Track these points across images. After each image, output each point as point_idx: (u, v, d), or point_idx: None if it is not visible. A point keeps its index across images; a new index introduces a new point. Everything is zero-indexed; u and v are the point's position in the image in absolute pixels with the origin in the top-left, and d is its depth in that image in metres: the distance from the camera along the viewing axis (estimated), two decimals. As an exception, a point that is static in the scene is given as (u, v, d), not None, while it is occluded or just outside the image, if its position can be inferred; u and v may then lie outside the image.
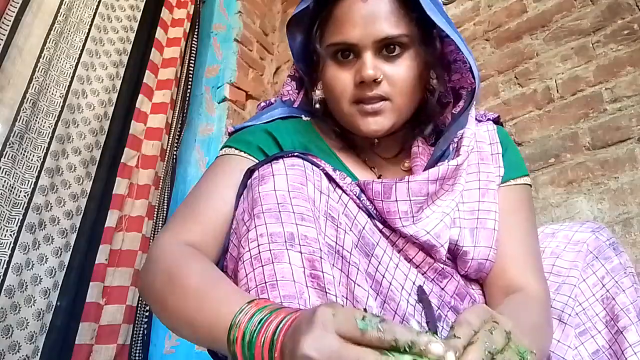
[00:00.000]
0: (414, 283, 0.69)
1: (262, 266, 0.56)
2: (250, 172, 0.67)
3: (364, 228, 0.67)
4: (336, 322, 0.41)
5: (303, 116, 0.87)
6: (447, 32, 0.73)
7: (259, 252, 0.57)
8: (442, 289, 0.73)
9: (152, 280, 0.63)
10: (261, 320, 0.48)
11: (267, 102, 0.91)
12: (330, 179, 0.67)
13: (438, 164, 0.74)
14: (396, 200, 0.70)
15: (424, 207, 0.72)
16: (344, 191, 0.68)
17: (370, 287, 0.63)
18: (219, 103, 2.07)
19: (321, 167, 0.66)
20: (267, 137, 0.80)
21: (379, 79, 0.73)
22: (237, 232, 0.63)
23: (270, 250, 0.57)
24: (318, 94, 0.83)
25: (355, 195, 0.70)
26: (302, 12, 0.81)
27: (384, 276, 0.66)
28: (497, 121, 0.88)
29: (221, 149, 0.81)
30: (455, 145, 0.77)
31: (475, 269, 0.74)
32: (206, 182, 0.76)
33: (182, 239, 0.67)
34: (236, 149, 0.79)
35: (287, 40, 0.85)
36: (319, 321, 0.41)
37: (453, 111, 0.81)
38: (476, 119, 0.85)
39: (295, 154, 0.65)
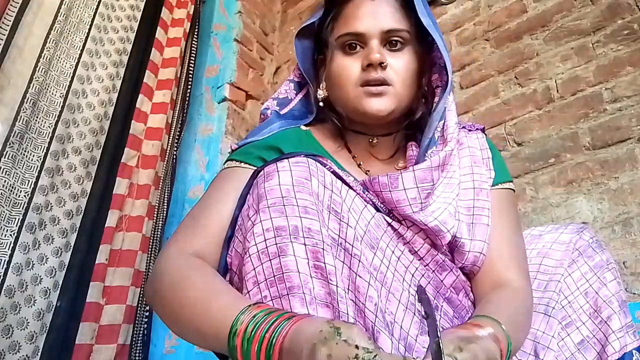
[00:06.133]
0: (412, 275, 0.73)
1: (270, 260, 0.59)
2: (256, 173, 0.69)
3: (369, 222, 0.69)
4: None
5: (301, 126, 0.92)
6: (431, 33, 0.81)
7: (266, 247, 0.59)
8: (441, 281, 0.77)
9: (160, 291, 0.66)
10: (258, 321, 0.52)
11: (264, 112, 0.95)
12: (337, 176, 0.69)
13: (429, 153, 0.80)
14: (404, 189, 0.75)
15: (429, 194, 0.77)
16: (350, 187, 0.70)
17: (376, 278, 0.65)
18: (219, 103, 2.07)
19: (328, 166, 0.69)
20: (270, 148, 0.83)
21: (384, 63, 0.81)
22: (242, 228, 0.65)
23: (276, 244, 0.59)
24: (321, 93, 0.89)
25: (360, 190, 0.72)
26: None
27: (387, 268, 0.69)
28: (483, 131, 0.95)
29: (224, 163, 0.85)
30: (441, 134, 0.83)
31: (471, 262, 0.78)
32: (210, 193, 0.79)
33: (187, 250, 0.70)
34: (237, 160, 0.82)
35: (294, 45, 0.92)
36: None
37: (432, 108, 0.87)
38: (467, 128, 0.93)
39: (302, 154, 0.67)
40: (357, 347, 0.44)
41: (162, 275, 0.67)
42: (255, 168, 0.78)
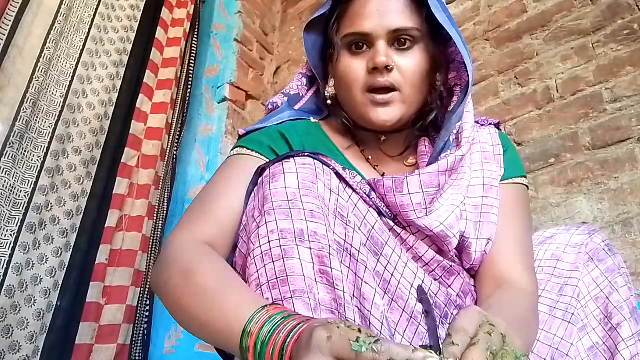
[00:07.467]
0: (423, 281, 0.70)
1: (273, 262, 0.57)
2: (261, 171, 0.68)
3: (373, 227, 0.68)
4: (331, 345, 0.42)
5: (312, 118, 0.90)
6: (448, 31, 0.77)
7: (270, 248, 0.58)
8: (449, 286, 0.75)
9: (167, 278, 0.64)
10: (270, 330, 0.49)
11: (274, 104, 0.92)
12: (341, 178, 0.67)
13: (442, 156, 0.77)
14: (409, 193, 0.72)
15: (435, 199, 0.74)
16: (354, 190, 0.68)
17: (378, 285, 0.64)
18: (219, 103, 2.07)
19: (332, 167, 0.67)
20: (279, 137, 0.81)
21: (390, 67, 0.77)
22: (247, 229, 0.63)
23: (280, 246, 0.57)
24: (329, 90, 0.87)
25: (365, 193, 0.71)
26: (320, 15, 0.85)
27: (392, 275, 0.67)
28: (497, 126, 0.92)
29: (232, 149, 0.83)
30: (455, 137, 0.80)
31: (479, 262, 0.76)
32: (218, 180, 0.77)
33: (197, 237, 0.68)
34: (248, 148, 0.80)
35: (303, 39, 0.88)
36: (315, 345, 0.42)
37: (449, 108, 0.84)
38: (479, 123, 0.89)
39: (306, 153, 0.66)
40: (359, 330, 0.42)
41: (170, 260, 0.65)
42: (263, 159, 0.77)
